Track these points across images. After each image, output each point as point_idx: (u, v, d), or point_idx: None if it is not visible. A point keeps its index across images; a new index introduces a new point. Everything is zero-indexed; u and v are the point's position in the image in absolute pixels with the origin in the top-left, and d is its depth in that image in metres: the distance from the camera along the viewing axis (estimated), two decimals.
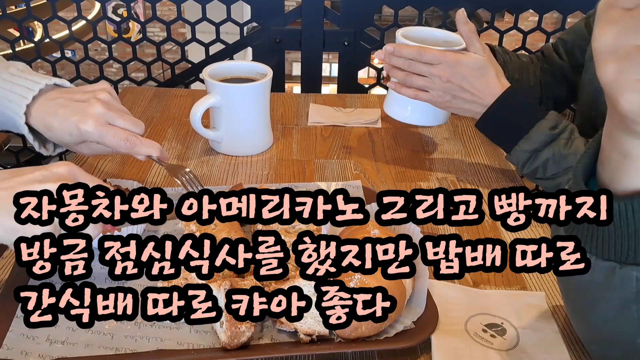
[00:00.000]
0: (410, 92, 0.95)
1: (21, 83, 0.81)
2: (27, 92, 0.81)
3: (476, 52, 0.92)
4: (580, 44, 1.16)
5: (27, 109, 0.81)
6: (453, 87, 0.92)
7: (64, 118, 0.80)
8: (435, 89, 0.93)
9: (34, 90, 0.81)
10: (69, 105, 0.81)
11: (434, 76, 0.92)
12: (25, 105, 0.80)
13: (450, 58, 0.91)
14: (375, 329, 0.64)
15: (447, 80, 0.91)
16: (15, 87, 0.81)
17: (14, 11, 1.63)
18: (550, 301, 0.73)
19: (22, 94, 0.81)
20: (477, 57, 0.92)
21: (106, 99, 0.82)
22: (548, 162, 0.89)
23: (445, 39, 1.03)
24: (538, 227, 0.88)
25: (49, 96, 0.82)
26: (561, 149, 0.89)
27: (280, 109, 1.25)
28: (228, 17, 1.50)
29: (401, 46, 0.94)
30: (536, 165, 0.91)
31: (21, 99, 0.80)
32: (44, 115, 0.81)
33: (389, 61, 0.96)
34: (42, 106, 0.81)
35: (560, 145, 0.89)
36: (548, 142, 0.89)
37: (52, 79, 0.84)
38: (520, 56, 1.24)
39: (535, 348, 0.66)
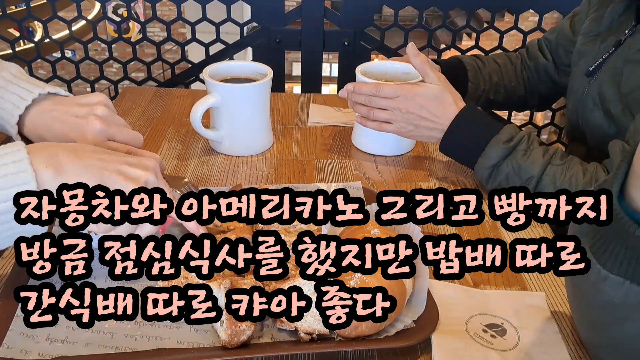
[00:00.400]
0: (375, 125, 1.01)
1: (14, 91, 0.79)
2: (20, 101, 0.78)
3: (432, 82, 0.96)
4: (565, 44, 1.17)
5: (19, 119, 0.78)
6: (413, 117, 0.96)
7: (61, 134, 0.77)
8: (397, 121, 0.97)
9: (27, 100, 0.78)
10: (66, 120, 0.78)
11: (394, 109, 0.96)
12: (17, 116, 0.78)
13: (407, 90, 0.95)
14: (375, 329, 0.64)
15: (407, 112, 0.96)
16: (8, 94, 0.79)
17: (14, 11, 1.63)
18: (551, 301, 0.73)
19: (14, 103, 0.78)
20: (432, 86, 0.95)
21: (104, 115, 0.79)
22: (509, 175, 0.90)
23: (404, 71, 1.07)
24: (538, 227, 0.88)
25: (43, 107, 0.79)
26: (519, 161, 0.89)
27: (280, 109, 1.25)
28: (228, 17, 1.50)
29: (360, 84, 1.00)
30: (499, 180, 0.92)
31: (14, 109, 0.78)
32: (37, 128, 0.79)
33: (352, 99, 1.01)
34: (35, 118, 0.79)
35: (518, 157, 0.90)
36: (505, 155, 0.90)
37: (46, 87, 0.81)
38: (497, 58, 1.25)
39: (536, 348, 0.66)
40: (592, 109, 0.98)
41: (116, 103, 1.26)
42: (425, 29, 1.57)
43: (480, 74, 1.20)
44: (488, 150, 0.91)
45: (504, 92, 1.23)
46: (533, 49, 1.24)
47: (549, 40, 1.21)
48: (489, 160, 0.91)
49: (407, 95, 0.95)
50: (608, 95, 0.95)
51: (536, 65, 1.23)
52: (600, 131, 0.97)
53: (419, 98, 0.95)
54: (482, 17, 2.28)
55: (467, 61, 1.20)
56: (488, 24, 1.54)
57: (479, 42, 1.55)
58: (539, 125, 1.66)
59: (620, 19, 1.00)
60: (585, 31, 1.06)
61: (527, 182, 0.89)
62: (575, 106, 1.05)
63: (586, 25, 1.07)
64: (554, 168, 0.88)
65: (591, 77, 1.00)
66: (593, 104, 0.98)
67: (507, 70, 1.24)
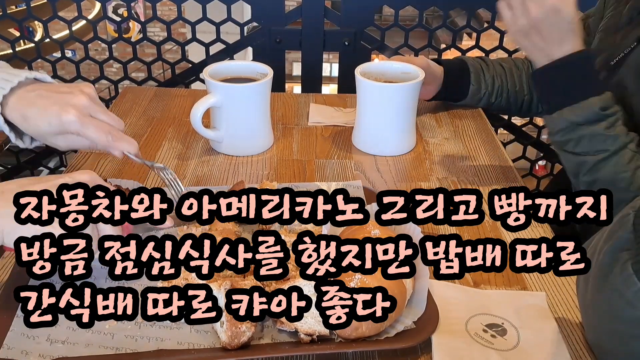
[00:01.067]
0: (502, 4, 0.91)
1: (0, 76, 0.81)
2: (5, 83, 0.80)
3: None
4: None
5: (3, 99, 0.79)
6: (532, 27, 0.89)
7: (44, 107, 0.79)
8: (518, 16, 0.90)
9: (13, 82, 0.80)
10: (51, 96, 0.80)
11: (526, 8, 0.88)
12: (1, 96, 0.79)
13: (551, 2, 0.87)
14: (375, 329, 0.64)
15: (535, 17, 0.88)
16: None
17: (14, 11, 1.63)
18: (551, 301, 0.73)
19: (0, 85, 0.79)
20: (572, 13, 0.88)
21: (91, 94, 0.81)
22: (583, 138, 0.87)
23: (404, 71, 1.07)
24: (538, 227, 0.88)
25: (28, 89, 0.81)
26: (602, 130, 0.86)
27: (280, 109, 1.25)
28: (228, 17, 1.50)
29: None
30: (570, 137, 0.88)
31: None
32: (21, 106, 0.80)
33: None
34: (20, 98, 0.80)
35: (602, 126, 0.86)
36: (592, 120, 0.87)
37: (33, 73, 0.83)
38: (503, 62, 1.24)
39: (536, 348, 0.66)
40: None
41: (116, 103, 1.26)
42: (426, 28, 1.56)
43: (483, 77, 1.20)
44: (581, 105, 0.87)
45: (507, 96, 1.22)
46: None
47: None
48: (575, 117, 0.88)
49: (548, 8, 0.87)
50: (630, 91, 0.94)
51: None
52: None
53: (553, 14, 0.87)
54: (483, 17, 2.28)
55: (470, 62, 1.20)
56: (488, 23, 1.54)
57: (479, 42, 1.55)
58: (539, 125, 1.66)
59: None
60: (604, 27, 1.05)
61: (595, 153, 0.87)
62: None
63: (604, 22, 1.06)
64: (628, 152, 0.85)
65: (612, 72, 0.99)
66: None
67: (512, 75, 1.23)
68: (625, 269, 0.53)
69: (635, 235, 0.53)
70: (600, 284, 0.57)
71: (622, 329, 0.56)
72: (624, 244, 0.54)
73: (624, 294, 0.53)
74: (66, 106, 0.78)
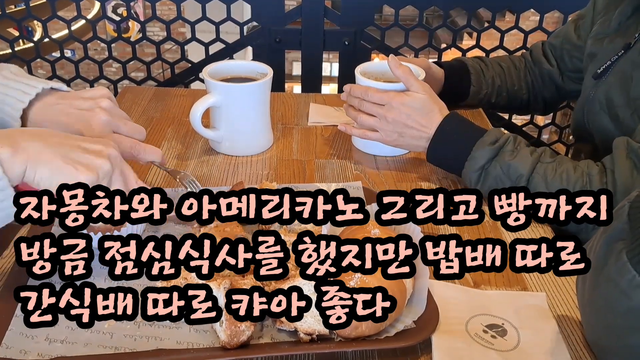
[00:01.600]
0: (359, 133, 1.02)
1: (17, 87, 0.79)
2: (23, 95, 0.78)
3: (417, 92, 0.96)
4: (569, 49, 1.17)
5: (23, 113, 0.78)
6: (400, 126, 0.96)
7: (66, 126, 0.78)
8: (383, 129, 0.98)
9: (31, 94, 0.78)
10: (72, 113, 0.79)
11: (382, 116, 0.97)
12: (21, 110, 0.78)
13: (393, 99, 0.95)
14: (375, 329, 0.63)
15: (393, 120, 0.96)
16: (10, 90, 0.79)
17: (14, 11, 1.63)
18: (551, 301, 0.73)
19: (18, 98, 0.78)
20: (418, 96, 0.96)
21: (108, 107, 0.80)
22: (498, 176, 0.89)
23: None
24: (538, 227, 0.88)
25: (47, 101, 0.80)
26: (507, 160, 0.88)
27: (280, 109, 1.25)
28: (228, 17, 1.50)
29: (354, 86, 1.01)
30: (488, 183, 0.90)
31: (17, 103, 0.78)
32: (43, 121, 0.79)
33: (347, 100, 1.02)
34: (40, 111, 0.79)
35: (505, 157, 0.89)
36: (492, 156, 0.89)
37: (49, 82, 0.82)
38: (501, 61, 1.25)
39: (536, 349, 0.66)
40: (599, 112, 0.98)
41: None
42: (426, 28, 1.57)
43: (483, 77, 1.20)
44: (475, 153, 0.90)
45: (507, 96, 1.23)
46: (537, 53, 1.23)
47: (553, 45, 1.20)
48: (476, 163, 0.90)
49: (394, 104, 0.95)
50: (616, 99, 0.94)
51: (540, 71, 1.22)
52: (606, 133, 0.96)
53: (405, 107, 0.95)
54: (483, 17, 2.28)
55: (470, 64, 1.20)
56: (489, 23, 1.54)
57: (479, 42, 1.55)
58: (539, 125, 1.66)
59: (628, 21, 0.99)
60: (594, 33, 1.06)
61: (517, 181, 0.88)
62: (581, 107, 1.05)
63: (596, 27, 1.06)
64: (544, 165, 0.87)
65: (599, 79, 1.00)
66: (599, 107, 0.98)
67: (510, 74, 1.23)
68: (619, 258, 0.53)
69: (630, 225, 0.53)
70: (596, 278, 0.57)
71: (618, 322, 0.56)
72: (619, 235, 0.54)
73: (619, 284, 0.53)
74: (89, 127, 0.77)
